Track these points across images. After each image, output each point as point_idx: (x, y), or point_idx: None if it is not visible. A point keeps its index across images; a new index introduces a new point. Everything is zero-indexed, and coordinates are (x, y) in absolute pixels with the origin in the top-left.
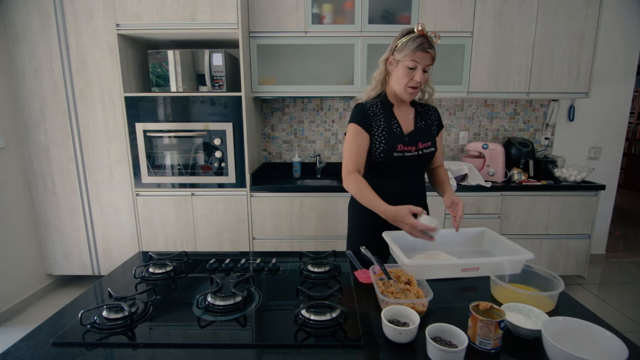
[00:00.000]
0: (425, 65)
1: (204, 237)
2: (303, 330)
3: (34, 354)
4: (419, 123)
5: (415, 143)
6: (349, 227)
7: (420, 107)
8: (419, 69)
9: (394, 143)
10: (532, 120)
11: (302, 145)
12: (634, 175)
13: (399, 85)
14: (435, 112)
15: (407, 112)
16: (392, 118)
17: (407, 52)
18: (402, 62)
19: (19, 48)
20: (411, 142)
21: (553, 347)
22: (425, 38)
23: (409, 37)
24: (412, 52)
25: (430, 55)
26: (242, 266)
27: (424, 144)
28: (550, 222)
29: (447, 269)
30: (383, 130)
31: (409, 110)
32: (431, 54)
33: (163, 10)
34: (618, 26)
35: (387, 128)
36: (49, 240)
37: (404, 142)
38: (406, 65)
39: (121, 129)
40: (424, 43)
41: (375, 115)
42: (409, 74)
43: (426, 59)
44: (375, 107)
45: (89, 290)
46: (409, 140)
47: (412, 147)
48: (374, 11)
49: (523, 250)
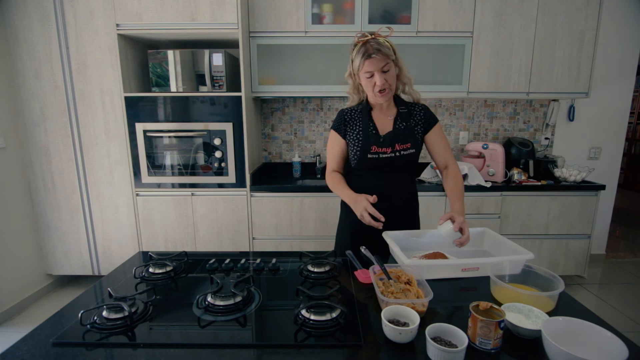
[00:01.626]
0: (379, 68)
1: (204, 237)
2: (303, 330)
3: (34, 354)
4: (399, 124)
5: (391, 144)
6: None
7: (404, 107)
8: (376, 74)
9: (368, 145)
10: (532, 120)
11: (302, 145)
12: (634, 175)
13: (369, 93)
14: (421, 111)
15: (386, 114)
16: (369, 121)
17: (357, 64)
18: (360, 73)
19: (19, 48)
20: (386, 143)
21: (553, 347)
22: (368, 44)
23: (356, 49)
24: (361, 63)
25: (378, 59)
26: (242, 266)
27: (402, 146)
28: (550, 222)
29: (447, 269)
30: (358, 133)
31: (390, 112)
32: (378, 58)
33: (163, 10)
34: (618, 26)
35: (363, 131)
36: (49, 240)
37: (379, 143)
38: (365, 76)
39: (121, 129)
40: (368, 50)
41: (351, 120)
42: (370, 82)
43: (376, 63)
44: (354, 112)
45: (89, 290)
46: (384, 141)
47: (388, 149)
48: (374, 11)
49: (523, 250)
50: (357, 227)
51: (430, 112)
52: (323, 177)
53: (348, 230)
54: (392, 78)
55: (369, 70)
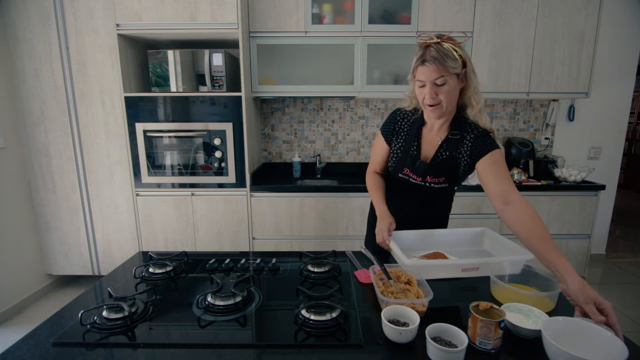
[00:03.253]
0: (431, 79)
1: (204, 237)
2: (303, 330)
3: (34, 354)
4: (441, 153)
5: (423, 175)
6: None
7: (457, 132)
8: (427, 86)
9: (402, 165)
10: (532, 120)
11: (302, 145)
12: (634, 175)
13: (421, 103)
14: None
15: (437, 136)
16: (415, 139)
17: (411, 68)
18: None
19: (19, 48)
20: (419, 172)
21: (553, 347)
22: (425, 49)
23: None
24: (414, 69)
25: (432, 68)
26: (242, 266)
27: (434, 179)
28: (550, 222)
29: (447, 269)
30: (399, 148)
31: (440, 135)
32: (433, 67)
33: (163, 10)
34: (618, 26)
35: (404, 147)
36: (49, 240)
37: (412, 168)
38: (417, 83)
39: (121, 129)
40: (423, 55)
41: (400, 130)
42: (420, 93)
43: (428, 73)
44: (405, 122)
45: (89, 290)
46: (417, 169)
47: (419, 178)
48: (374, 11)
49: (523, 250)
50: None
51: (482, 140)
52: (323, 177)
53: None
54: (447, 94)
55: (420, 79)
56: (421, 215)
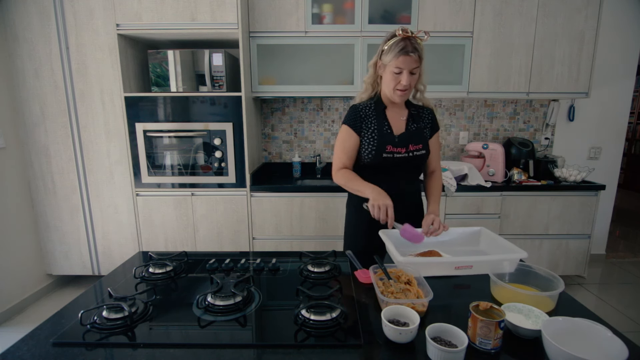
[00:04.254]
0: (410, 68)
1: (204, 237)
2: (303, 330)
3: (34, 354)
4: (411, 125)
5: (405, 145)
6: (345, 226)
7: (414, 109)
8: (404, 73)
9: (383, 144)
10: (532, 120)
11: (302, 145)
12: (634, 175)
13: (388, 88)
14: (429, 114)
15: (399, 114)
16: (384, 120)
17: (390, 57)
18: (388, 66)
19: (19, 48)
20: (401, 143)
21: (553, 347)
22: (407, 41)
23: (393, 41)
24: (395, 57)
25: (413, 59)
26: (242, 266)
27: (415, 147)
28: (550, 222)
29: (440, 267)
30: (374, 131)
31: (402, 112)
32: (414, 57)
33: (163, 10)
34: (618, 26)
35: (378, 129)
36: (49, 240)
37: (394, 143)
38: (392, 70)
39: (121, 129)
40: (407, 47)
41: (367, 117)
42: (395, 79)
43: (410, 63)
44: (368, 109)
45: (89, 290)
46: (399, 141)
47: (402, 149)
48: (374, 11)
49: (517, 249)
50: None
51: (436, 117)
52: (323, 177)
53: (357, 230)
54: (415, 81)
55: (400, 67)
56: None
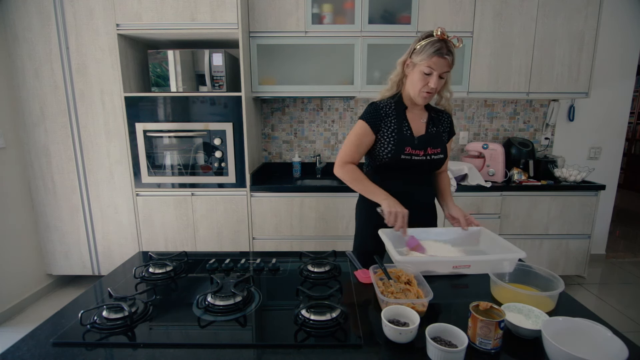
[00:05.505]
0: (441, 71)
1: (204, 237)
2: (303, 330)
3: (34, 354)
4: (430, 128)
5: (424, 148)
6: (356, 227)
7: (434, 112)
8: (434, 75)
9: (402, 145)
10: (532, 120)
11: (302, 145)
12: (634, 175)
13: (414, 89)
14: (448, 119)
15: (420, 116)
16: (404, 120)
17: (423, 57)
18: (418, 66)
19: (19, 48)
20: (420, 146)
21: (553, 347)
22: (444, 43)
23: (428, 41)
24: (428, 57)
25: (447, 62)
26: (242, 266)
27: (434, 150)
28: (550, 222)
29: (438, 265)
30: (393, 131)
31: (422, 115)
32: (448, 61)
33: (163, 10)
34: (618, 26)
35: (398, 129)
36: (49, 240)
37: (413, 145)
38: (422, 70)
39: (121, 129)
40: (442, 48)
41: (386, 116)
42: (424, 79)
43: (442, 65)
44: (389, 108)
45: (89, 290)
46: (419, 144)
47: (421, 152)
48: (374, 11)
49: (516, 249)
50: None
51: (453, 122)
52: (323, 177)
53: (368, 232)
54: (440, 86)
55: (432, 67)
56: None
